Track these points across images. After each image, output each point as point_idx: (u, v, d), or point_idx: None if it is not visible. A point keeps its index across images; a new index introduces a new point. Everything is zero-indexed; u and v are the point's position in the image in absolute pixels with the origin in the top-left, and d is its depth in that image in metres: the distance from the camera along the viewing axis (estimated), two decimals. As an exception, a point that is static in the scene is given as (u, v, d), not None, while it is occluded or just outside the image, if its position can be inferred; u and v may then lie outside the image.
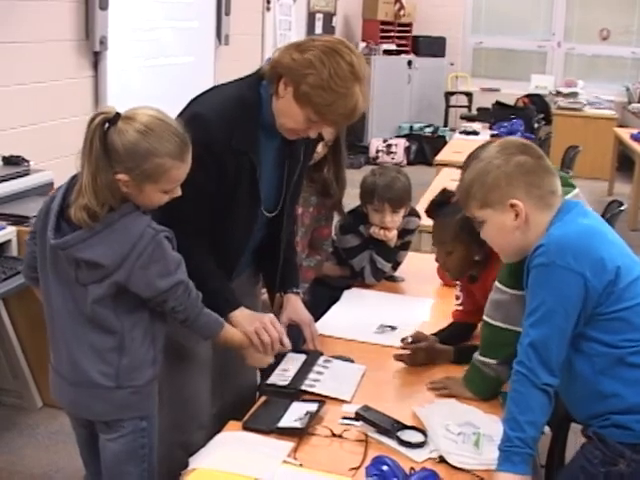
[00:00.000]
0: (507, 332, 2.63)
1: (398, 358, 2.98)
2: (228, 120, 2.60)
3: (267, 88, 2.64)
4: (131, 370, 2.46)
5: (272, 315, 2.80)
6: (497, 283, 2.68)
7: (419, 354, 2.98)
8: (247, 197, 2.71)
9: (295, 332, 3.16)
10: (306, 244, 3.57)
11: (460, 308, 3.22)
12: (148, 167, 2.32)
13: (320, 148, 3.30)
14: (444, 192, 3.12)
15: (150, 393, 2.56)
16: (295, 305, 3.01)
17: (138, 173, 2.32)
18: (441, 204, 3.09)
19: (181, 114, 2.64)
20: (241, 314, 2.72)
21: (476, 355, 2.75)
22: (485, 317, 2.73)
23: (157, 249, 2.36)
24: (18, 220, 4.03)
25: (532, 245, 2.31)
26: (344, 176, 3.53)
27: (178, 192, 2.42)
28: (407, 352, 2.98)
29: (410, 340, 3.00)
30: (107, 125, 2.30)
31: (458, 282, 3.25)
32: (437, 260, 3.14)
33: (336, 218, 3.76)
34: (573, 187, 2.79)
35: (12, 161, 4.57)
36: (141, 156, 2.31)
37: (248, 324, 2.71)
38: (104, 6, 5.62)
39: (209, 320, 2.55)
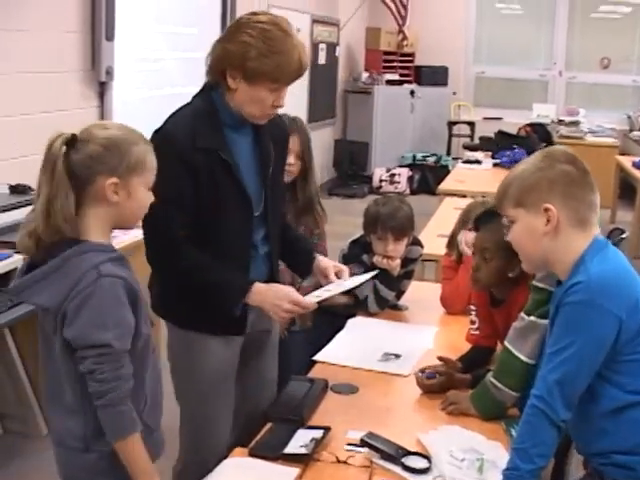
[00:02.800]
0: (523, 363, 2.67)
1: (419, 385, 3.01)
2: (185, 125, 2.71)
3: (217, 93, 2.75)
4: (99, 433, 2.21)
5: (291, 294, 2.74)
6: (523, 314, 2.72)
7: (436, 385, 3.00)
8: (234, 197, 2.75)
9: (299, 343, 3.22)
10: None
11: (477, 333, 3.24)
12: (130, 157, 2.23)
13: (292, 160, 3.47)
14: (492, 210, 3.06)
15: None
16: (320, 265, 3.01)
17: (123, 168, 2.21)
18: (494, 214, 2.91)
19: None
20: (257, 296, 2.72)
21: (489, 376, 2.78)
22: (506, 343, 2.76)
23: (96, 294, 2.14)
24: (24, 249, 4.06)
25: (557, 260, 2.30)
26: (314, 181, 3.69)
27: (151, 196, 2.34)
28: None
29: (426, 375, 3.02)
30: (65, 148, 2.18)
31: (473, 307, 3.26)
32: (472, 268, 3.08)
33: (335, 243, 3.80)
34: None
35: (18, 190, 4.61)
36: (121, 147, 2.22)
37: (271, 309, 2.71)
38: (110, 37, 5.67)
39: (124, 418, 2.18)
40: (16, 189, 4.61)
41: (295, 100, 9.55)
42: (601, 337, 2.18)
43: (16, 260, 3.97)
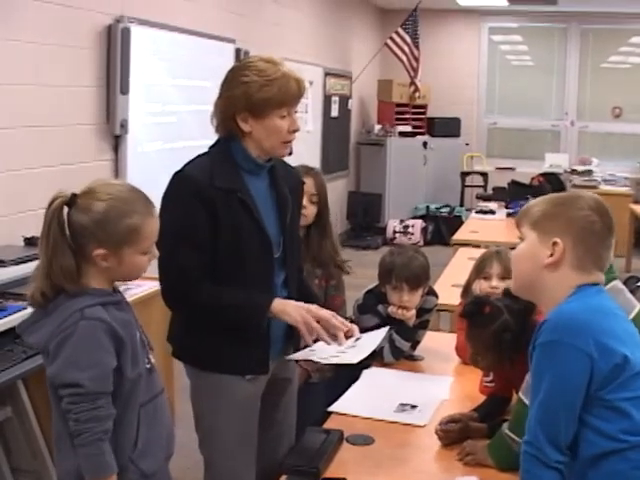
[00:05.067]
0: None
1: (438, 436, 2.98)
2: (204, 167, 2.77)
3: (234, 141, 2.82)
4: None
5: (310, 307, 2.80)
6: None
7: (453, 434, 2.97)
8: (254, 238, 2.79)
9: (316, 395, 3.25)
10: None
11: (491, 385, 3.21)
12: (121, 231, 2.27)
13: (305, 202, 3.44)
14: (477, 301, 3.06)
15: None
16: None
17: (113, 242, 2.27)
18: (474, 314, 2.99)
19: None
20: (279, 305, 2.77)
21: (504, 427, 2.75)
22: (520, 394, 2.74)
23: (74, 335, 2.21)
24: (39, 301, 4.06)
25: (544, 295, 2.31)
26: (331, 233, 3.71)
27: (155, 252, 2.40)
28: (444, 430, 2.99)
29: (444, 424, 3.00)
30: (66, 208, 2.28)
31: None
32: (470, 358, 3.09)
33: (350, 294, 3.79)
34: (613, 274, 2.79)
35: (33, 242, 4.62)
36: (112, 223, 2.26)
37: (295, 311, 2.76)
38: (125, 91, 5.73)
39: (95, 460, 2.20)
40: (31, 241, 4.63)
41: (308, 152, 9.63)
42: (570, 375, 2.14)
43: (29, 312, 3.97)
